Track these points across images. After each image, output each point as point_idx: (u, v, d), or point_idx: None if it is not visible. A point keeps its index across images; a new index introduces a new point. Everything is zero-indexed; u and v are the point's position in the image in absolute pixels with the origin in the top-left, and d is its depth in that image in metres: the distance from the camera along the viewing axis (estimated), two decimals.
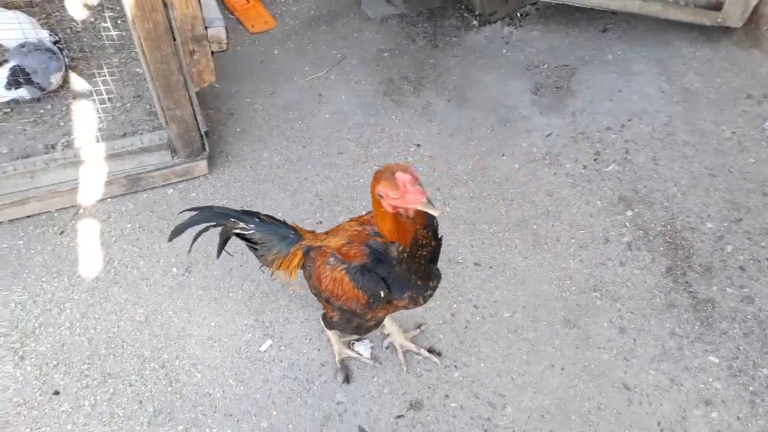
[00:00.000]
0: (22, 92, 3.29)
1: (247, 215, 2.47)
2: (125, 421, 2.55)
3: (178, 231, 2.47)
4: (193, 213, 2.48)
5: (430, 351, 2.72)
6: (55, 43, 3.42)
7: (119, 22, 3.87)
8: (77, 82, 3.54)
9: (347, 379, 2.66)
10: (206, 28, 2.87)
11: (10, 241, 3.08)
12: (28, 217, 3.16)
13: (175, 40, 2.82)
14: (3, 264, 2.99)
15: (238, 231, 2.49)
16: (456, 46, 4.26)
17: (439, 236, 2.26)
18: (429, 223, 2.11)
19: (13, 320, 2.82)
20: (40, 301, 2.88)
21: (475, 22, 4.39)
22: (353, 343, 2.76)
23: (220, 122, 3.70)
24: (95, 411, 2.57)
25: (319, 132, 3.69)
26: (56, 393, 2.61)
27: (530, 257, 3.09)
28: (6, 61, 3.32)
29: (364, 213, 2.44)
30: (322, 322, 2.61)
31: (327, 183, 3.41)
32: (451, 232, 3.18)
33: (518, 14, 4.45)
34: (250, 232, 2.46)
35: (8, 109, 3.36)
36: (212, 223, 2.50)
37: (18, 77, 3.22)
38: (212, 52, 2.96)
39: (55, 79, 3.39)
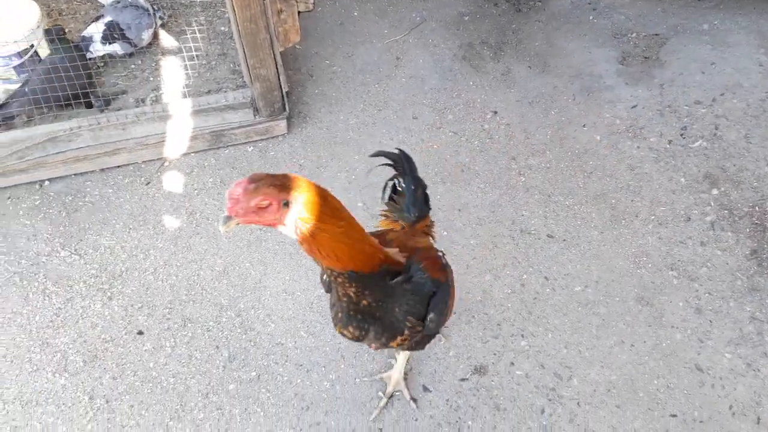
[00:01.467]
0: (116, 47, 3.43)
1: (413, 179, 2.42)
2: (202, 363, 2.68)
3: (377, 153, 2.45)
4: (396, 150, 2.47)
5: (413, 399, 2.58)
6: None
7: None
8: (166, 39, 3.66)
9: None
10: None
11: (101, 189, 3.25)
12: (118, 167, 3.32)
13: None
14: (94, 210, 3.17)
15: (395, 182, 2.52)
16: (540, 11, 4.14)
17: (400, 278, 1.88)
18: (371, 284, 1.77)
19: (102, 263, 2.99)
20: (127, 247, 3.05)
21: None
22: None
23: (299, 83, 3.75)
24: (175, 352, 2.72)
25: (395, 96, 3.69)
26: (140, 333, 2.78)
27: (606, 232, 3.02)
28: (102, 16, 3.45)
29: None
30: None
31: (401, 147, 3.41)
32: (525, 203, 3.14)
33: None
34: (399, 189, 2.49)
35: (102, 63, 3.51)
36: (396, 163, 2.50)
37: (113, 32, 3.36)
38: (298, 12, 2.99)
39: (147, 36, 3.52)
